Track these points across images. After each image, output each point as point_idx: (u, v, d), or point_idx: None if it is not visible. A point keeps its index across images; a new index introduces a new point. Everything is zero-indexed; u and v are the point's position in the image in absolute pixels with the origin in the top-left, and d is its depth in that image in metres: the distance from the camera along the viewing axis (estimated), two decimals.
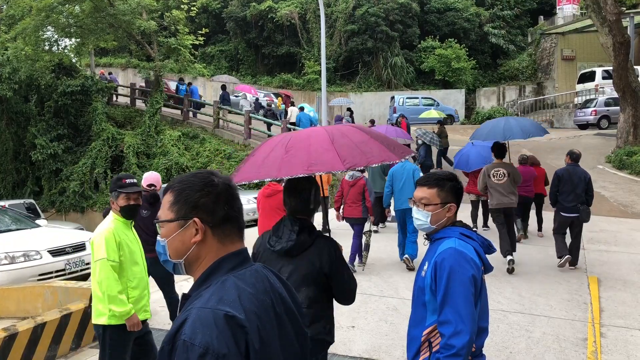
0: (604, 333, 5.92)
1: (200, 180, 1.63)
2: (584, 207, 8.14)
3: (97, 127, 21.00)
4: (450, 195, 2.76)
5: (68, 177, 20.44)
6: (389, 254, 9.43)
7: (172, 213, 1.61)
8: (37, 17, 19.76)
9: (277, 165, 3.16)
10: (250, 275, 1.60)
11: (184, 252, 1.60)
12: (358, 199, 8.35)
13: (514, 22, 34.00)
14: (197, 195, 1.60)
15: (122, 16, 20.66)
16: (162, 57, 22.33)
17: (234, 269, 1.59)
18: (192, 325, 1.42)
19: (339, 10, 32.46)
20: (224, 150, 20.01)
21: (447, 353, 2.44)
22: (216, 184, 1.63)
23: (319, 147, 3.18)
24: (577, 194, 8.10)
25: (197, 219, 1.59)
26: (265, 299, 1.57)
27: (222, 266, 1.59)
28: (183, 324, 1.44)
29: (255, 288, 1.57)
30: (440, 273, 2.55)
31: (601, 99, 24.48)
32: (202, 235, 1.59)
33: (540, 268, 8.49)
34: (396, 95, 28.78)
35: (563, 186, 8.19)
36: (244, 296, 1.51)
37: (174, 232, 1.61)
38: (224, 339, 1.41)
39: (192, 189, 1.61)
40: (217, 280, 1.55)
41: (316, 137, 3.29)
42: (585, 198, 8.15)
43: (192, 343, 1.40)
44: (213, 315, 1.43)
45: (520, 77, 32.30)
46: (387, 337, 5.84)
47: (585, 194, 8.14)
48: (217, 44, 36.90)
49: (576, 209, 8.12)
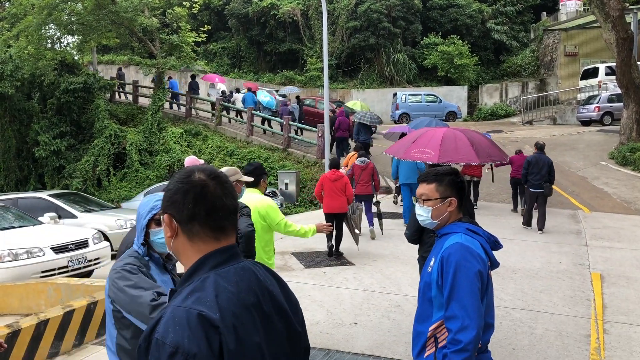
0: (607, 329, 5.91)
1: (180, 175, 1.63)
2: (547, 184, 10.72)
3: (99, 125, 21.02)
4: (450, 189, 2.76)
5: (71, 174, 20.46)
6: (391, 251, 9.42)
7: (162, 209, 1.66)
8: (40, 14, 19.77)
9: (474, 153, 6.11)
10: (234, 274, 1.57)
11: (169, 245, 1.65)
12: (368, 180, 10.40)
13: (517, 18, 33.90)
14: (172, 191, 1.61)
15: (124, 13, 20.65)
16: (164, 54, 22.32)
17: (217, 267, 1.57)
18: (165, 324, 1.42)
19: (341, 6, 32.40)
20: (226, 147, 20.02)
21: (454, 348, 2.44)
22: (191, 181, 1.60)
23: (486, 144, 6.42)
24: (542, 174, 10.72)
25: (167, 215, 1.61)
26: (249, 297, 1.54)
27: (206, 263, 1.57)
28: (158, 322, 1.44)
29: (237, 286, 1.54)
30: (446, 268, 2.55)
31: (604, 95, 24.39)
32: (173, 232, 1.61)
33: (543, 265, 8.48)
34: (398, 92, 28.74)
35: (532, 169, 10.82)
36: (223, 295, 1.49)
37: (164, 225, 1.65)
38: (195, 339, 1.39)
39: (170, 185, 1.63)
40: (199, 278, 1.53)
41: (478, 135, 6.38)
42: (548, 178, 10.74)
43: (163, 342, 1.39)
44: (186, 314, 1.42)
45: (522, 74, 32.20)
46: (389, 334, 5.84)
47: (548, 174, 10.73)
48: (219, 41, 36.87)
49: (541, 186, 10.71)
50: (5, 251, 8.14)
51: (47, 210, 11.64)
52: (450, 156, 6.27)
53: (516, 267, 8.27)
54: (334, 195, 8.99)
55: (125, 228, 11.53)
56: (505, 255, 8.18)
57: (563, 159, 18.40)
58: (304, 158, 18.74)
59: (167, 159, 19.80)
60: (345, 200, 9.03)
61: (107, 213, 12.58)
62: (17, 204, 11.96)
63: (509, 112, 29.97)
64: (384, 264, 8.64)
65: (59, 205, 12.08)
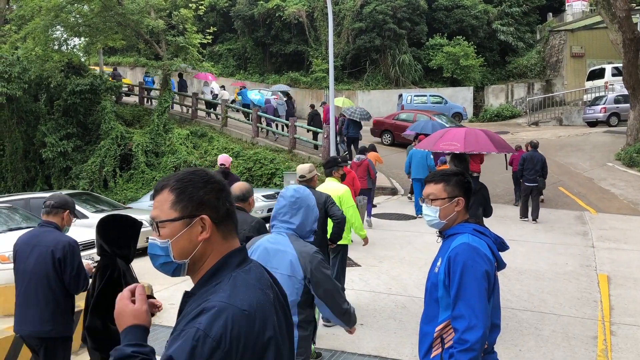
0: (614, 331, 5.89)
1: (200, 177, 1.61)
2: (541, 179, 12.07)
3: (106, 126, 21.09)
4: (457, 189, 2.77)
5: (77, 176, 20.55)
6: (397, 252, 9.42)
7: (175, 212, 1.57)
8: (47, 16, 19.86)
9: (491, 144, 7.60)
10: (254, 272, 1.61)
11: (191, 251, 1.58)
12: (364, 175, 11.22)
13: (523, 19, 33.77)
14: (202, 192, 1.59)
15: (131, 15, 20.74)
16: (170, 56, 22.40)
17: (240, 265, 1.60)
18: (209, 318, 1.43)
19: (346, 8, 32.39)
20: (232, 148, 20.04)
21: (460, 348, 2.44)
22: (216, 181, 1.63)
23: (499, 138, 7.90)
24: (536, 170, 11.99)
25: (206, 216, 1.57)
26: (269, 293, 1.60)
27: (230, 262, 1.59)
28: (200, 314, 1.45)
29: (260, 283, 1.58)
30: (453, 268, 2.55)
31: (611, 96, 24.29)
32: (209, 233, 1.58)
33: (549, 266, 8.46)
34: (404, 93, 28.68)
35: (527, 165, 12.06)
36: (255, 292, 1.53)
37: (180, 231, 1.57)
38: (237, 335, 1.43)
39: (195, 187, 1.59)
40: (228, 277, 1.55)
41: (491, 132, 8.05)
42: (541, 173, 12.06)
43: (206, 334, 1.41)
44: (231, 311, 1.45)
45: (528, 75, 32.10)
46: (395, 335, 5.84)
47: (541, 170, 12.05)
48: (224, 43, 36.92)
49: (535, 180, 11.96)
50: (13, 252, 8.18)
51: None
52: (473, 146, 7.57)
53: (522, 269, 8.25)
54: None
55: None
56: (511, 257, 8.16)
57: (569, 160, 18.35)
58: (310, 159, 18.76)
59: (173, 160, 19.85)
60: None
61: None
62: (29, 203, 12.00)
63: (514, 113, 29.88)
64: (390, 265, 8.64)
65: None
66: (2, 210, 9.82)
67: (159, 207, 1.61)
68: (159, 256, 1.60)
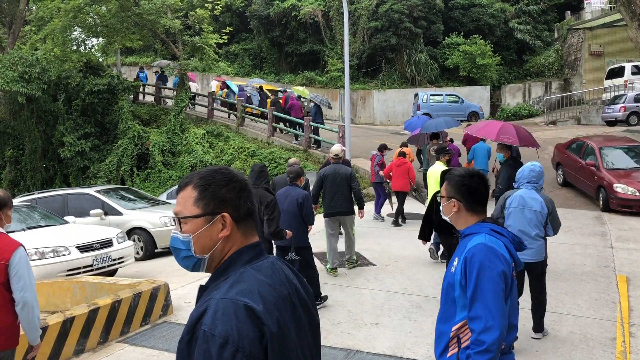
0: (634, 333, 5.81)
1: (223, 175, 1.65)
2: None
3: (123, 126, 21.30)
4: (454, 190, 2.75)
5: (95, 175, 20.77)
6: (412, 252, 9.38)
7: (198, 209, 1.61)
8: (65, 17, 20.12)
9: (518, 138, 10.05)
10: (267, 267, 1.62)
11: (211, 248, 1.62)
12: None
13: (540, 17, 33.43)
14: (224, 190, 1.62)
15: (147, 15, 20.91)
16: (186, 56, 22.54)
17: (251, 261, 1.62)
18: (212, 316, 1.44)
19: (362, 7, 32.34)
20: (247, 147, 20.12)
21: (477, 349, 2.42)
22: (239, 180, 1.66)
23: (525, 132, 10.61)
24: None
25: (227, 214, 1.61)
26: (282, 290, 1.60)
27: (241, 258, 1.61)
28: (203, 315, 1.47)
29: (272, 279, 1.59)
30: (470, 268, 2.54)
31: (630, 94, 23.92)
32: (229, 230, 1.61)
33: (567, 266, 8.37)
34: (420, 92, 28.57)
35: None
36: (263, 287, 1.53)
37: (201, 227, 1.61)
38: (244, 330, 1.43)
39: (217, 185, 1.62)
40: (236, 272, 1.57)
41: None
42: None
43: (212, 333, 1.42)
44: (233, 306, 1.45)
45: (546, 73, 31.76)
46: (411, 335, 5.82)
47: None
48: (240, 43, 37.06)
49: None
50: (32, 250, 8.30)
51: (94, 207, 11.81)
52: (526, 142, 10.31)
53: None
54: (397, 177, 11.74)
55: (169, 225, 11.38)
56: None
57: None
58: (324, 159, 18.74)
59: (190, 159, 19.98)
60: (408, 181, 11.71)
61: (153, 210, 12.44)
62: (67, 199, 12.18)
63: (532, 112, 29.59)
64: (406, 265, 8.61)
65: (105, 202, 12.11)
66: (21, 209, 9.95)
67: (182, 203, 1.65)
68: (181, 250, 1.64)
